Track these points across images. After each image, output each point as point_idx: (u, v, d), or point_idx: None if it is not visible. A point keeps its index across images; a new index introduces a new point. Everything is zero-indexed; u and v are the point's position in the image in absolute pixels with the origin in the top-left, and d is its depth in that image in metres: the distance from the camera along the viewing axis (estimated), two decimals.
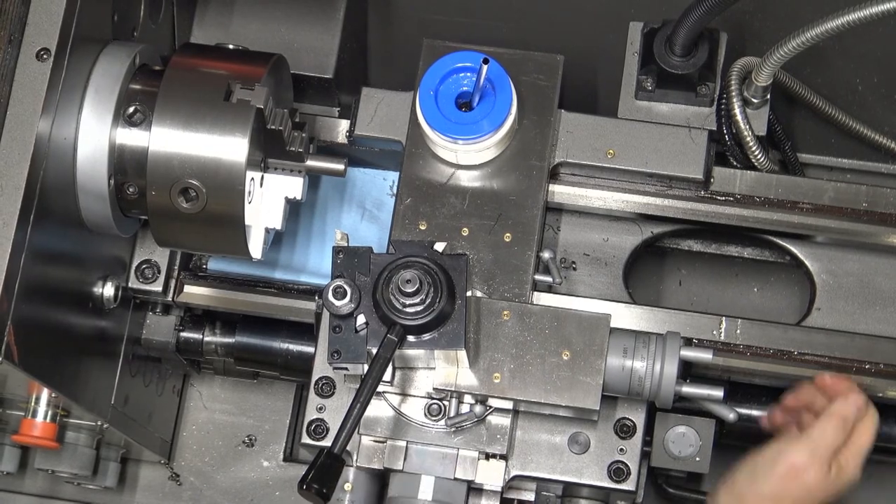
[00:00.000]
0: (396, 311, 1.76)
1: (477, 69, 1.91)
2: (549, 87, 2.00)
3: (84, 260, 1.96)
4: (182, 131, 1.85)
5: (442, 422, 1.90)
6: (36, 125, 1.74)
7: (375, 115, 2.04)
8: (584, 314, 1.88)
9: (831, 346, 2.02)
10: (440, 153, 1.98)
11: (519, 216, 1.96)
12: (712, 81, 2.03)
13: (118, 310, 2.05)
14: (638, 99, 2.05)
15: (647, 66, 2.04)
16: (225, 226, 1.89)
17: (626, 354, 1.88)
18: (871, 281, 2.10)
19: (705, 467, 2.05)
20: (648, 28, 2.05)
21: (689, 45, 2.00)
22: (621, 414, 1.96)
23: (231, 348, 2.19)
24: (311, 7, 2.14)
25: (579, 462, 1.93)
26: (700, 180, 2.01)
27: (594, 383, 1.85)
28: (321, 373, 1.96)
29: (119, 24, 1.94)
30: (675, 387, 1.87)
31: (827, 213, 2.05)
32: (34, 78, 1.76)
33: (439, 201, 1.97)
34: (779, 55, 1.95)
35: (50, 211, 1.80)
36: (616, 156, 2.01)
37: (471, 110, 1.95)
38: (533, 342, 1.86)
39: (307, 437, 1.94)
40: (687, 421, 2.05)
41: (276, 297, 2.13)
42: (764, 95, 2.04)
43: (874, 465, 2.32)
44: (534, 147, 1.99)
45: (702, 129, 2.02)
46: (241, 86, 1.85)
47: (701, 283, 2.38)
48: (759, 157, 2.06)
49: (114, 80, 1.88)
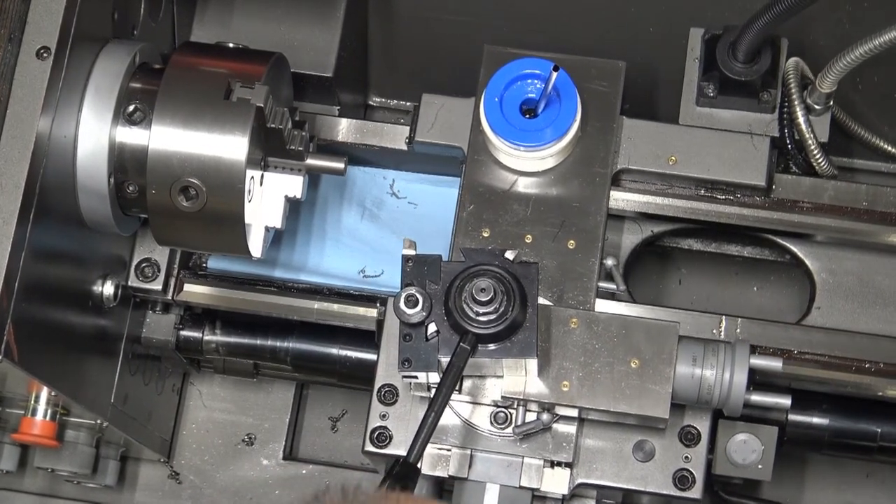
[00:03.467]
0: (469, 320, 1.75)
1: (541, 76, 1.92)
2: (612, 94, 2.00)
3: (84, 258, 1.96)
4: (182, 130, 1.85)
5: (508, 430, 1.89)
6: (36, 123, 1.75)
7: (436, 122, 2.03)
8: (652, 322, 1.88)
9: (831, 345, 2.02)
10: (503, 160, 1.98)
11: (582, 223, 1.96)
12: (774, 88, 2.03)
13: (118, 308, 2.05)
14: (699, 105, 2.05)
15: (708, 72, 2.03)
16: (225, 224, 1.89)
17: (695, 363, 1.88)
18: (871, 280, 2.10)
19: (768, 475, 2.03)
20: (710, 34, 2.04)
21: (753, 51, 1.99)
22: (686, 422, 1.96)
23: (286, 353, 2.19)
24: (312, 5, 2.14)
25: (644, 470, 1.93)
26: (762, 187, 2.01)
27: (663, 392, 1.85)
28: (384, 380, 1.95)
29: (119, 23, 1.94)
30: (744, 395, 1.88)
31: (827, 212, 2.05)
32: (34, 76, 1.76)
33: (502, 208, 1.97)
34: (845, 62, 1.95)
35: (50, 209, 1.80)
36: (678, 162, 2.01)
37: (535, 117, 1.95)
38: (601, 350, 1.86)
39: (370, 445, 1.93)
40: (749, 428, 2.04)
41: (276, 295, 2.13)
42: (827, 102, 2.04)
43: (876, 466, 2.37)
44: (596, 154, 1.99)
45: (764, 136, 2.02)
46: (242, 84, 1.85)
47: (701, 282, 2.39)
48: (822, 163, 2.06)
49: (114, 79, 1.88)
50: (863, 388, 2.03)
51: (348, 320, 2.11)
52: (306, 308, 2.11)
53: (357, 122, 2.14)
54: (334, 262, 2.18)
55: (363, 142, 2.13)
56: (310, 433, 2.48)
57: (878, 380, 2.02)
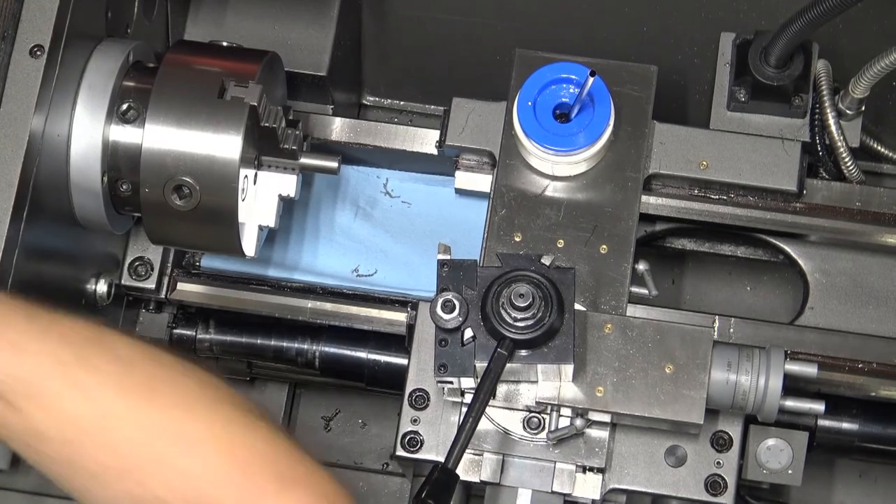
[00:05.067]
0: (507, 325, 1.75)
1: (576, 81, 1.91)
2: (644, 99, 2.00)
3: (77, 257, 1.96)
4: (176, 128, 1.85)
5: (541, 435, 1.89)
6: (29, 122, 1.74)
7: (466, 125, 2.02)
8: (686, 327, 1.87)
9: (824, 345, 2.02)
10: (535, 164, 1.98)
11: (615, 228, 1.95)
12: (805, 92, 2.03)
13: (111, 307, 2.05)
14: (730, 110, 2.04)
15: (740, 77, 2.03)
16: (218, 223, 1.88)
17: (729, 368, 1.88)
18: (864, 280, 2.10)
19: (798, 480, 2.02)
20: (741, 40, 2.04)
21: (786, 56, 1.99)
22: (719, 427, 1.95)
23: (313, 357, 2.17)
24: (306, 4, 2.14)
25: (676, 475, 1.92)
26: (794, 192, 2.01)
27: (698, 397, 1.84)
28: (415, 385, 1.94)
29: (113, 21, 1.93)
30: (779, 401, 1.88)
31: (820, 212, 2.05)
32: (27, 74, 1.75)
33: (534, 212, 1.96)
34: (879, 67, 1.95)
35: (43, 208, 1.79)
36: (709, 167, 2.00)
37: (568, 122, 1.95)
38: (636, 356, 1.85)
39: (401, 450, 1.92)
40: (779, 433, 2.03)
41: (269, 294, 2.13)
42: (859, 107, 2.04)
43: (868, 466, 2.36)
44: (629, 158, 1.98)
45: (795, 141, 2.01)
46: (235, 83, 1.85)
47: (694, 282, 2.38)
48: (852, 168, 2.06)
49: (107, 77, 1.87)
50: (855, 389, 2.03)
51: (340, 319, 2.11)
52: (300, 307, 2.11)
53: (351, 122, 2.14)
54: (328, 261, 2.18)
55: (357, 141, 2.13)
56: (303, 432, 2.47)
57: (870, 380, 2.02)
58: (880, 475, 2.38)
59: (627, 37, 2.23)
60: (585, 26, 2.24)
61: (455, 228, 2.15)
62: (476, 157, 2.04)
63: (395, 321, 2.09)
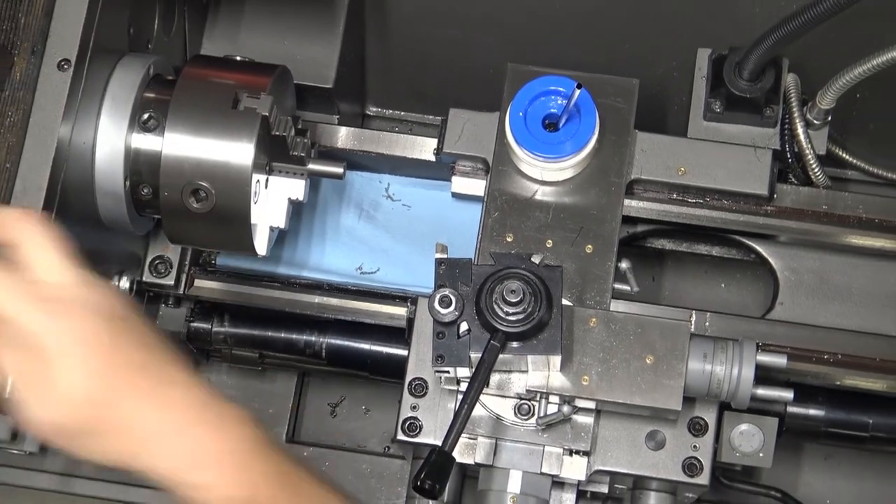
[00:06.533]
0: (499, 319, 1.75)
1: (563, 93, 1.92)
2: (626, 110, 1.99)
3: (101, 255, 1.96)
4: (193, 137, 1.85)
5: (531, 421, 1.89)
6: (57, 130, 1.75)
7: (462, 134, 2.01)
8: (665, 321, 1.88)
9: (793, 338, 2.02)
10: (526, 170, 1.97)
11: (599, 229, 1.95)
12: (776, 104, 2.03)
13: (133, 302, 2.02)
14: (706, 120, 2.04)
15: (715, 89, 2.03)
16: (232, 224, 1.89)
17: (705, 359, 1.88)
18: (830, 278, 2.10)
19: (768, 462, 2.03)
20: (716, 55, 2.04)
21: (758, 70, 1.99)
22: (695, 413, 1.96)
23: (320, 348, 2.18)
24: (313, 21, 2.15)
25: (655, 458, 1.92)
26: (765, 196, 2.01)
27: (676, 386, 1.84)
28: (414, 374, 1.93)
29: (135, 37, 1.94)
30: (751, 389, 1.88)
31: (789, 214, 2.05)
32: (55, 86, 1.76)
33: (525, 215, 1.95)
34: (844, 80, 1.96)
35: (70, 210, 1.80)
36: (687, 173, 2.00)
37: (556, 131, 1.94)
38: (618, 347, 1.85)
39: (402, 434, 1.92)
40: (751, 419, 2.04)
41: (280, 290, 2.13)
42: (825, 118, 2.04)
43: (834, 449, 2.36)
44: (612, 165, 1.98)
45: (766, 149, 2.01)
46: (248, 95, 1.85)
47: (672, 280, 2.39)
48: (819, 174, 2.06)
49: (129, 89, 1.88)
50: (821, 378, 2.03)
51: (345, 314, 2.12)
52: (308, 302, 2.12)
53: (355, 130, 2.14)
54: (334, 260, 2.18)
55: (361, 148, 2.13)
56: (310, 418, 2.48)
57: (835, 370, 2.02)
58: (844, 458, 2.39)
59: (611, 52, 2.24)
60: (572, 42, 2.25)
61: (451, 229, 2.14)
62: (471, 163, 2.04)
63: (396, 315, 2.09)
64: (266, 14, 2.15)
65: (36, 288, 1.43)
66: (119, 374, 1.40)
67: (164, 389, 1.44)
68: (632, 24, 2.21)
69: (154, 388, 1.43)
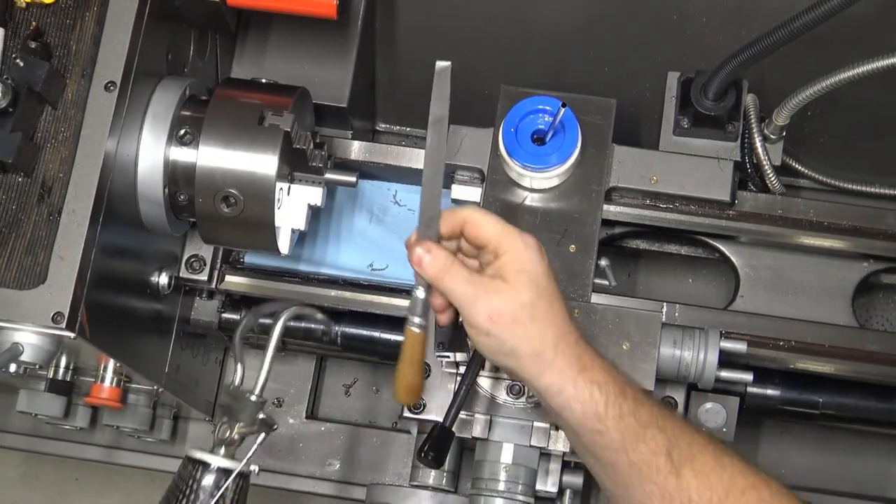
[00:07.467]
0: None
1: (549, 111, 1.93)
2: (605, 126, 2.00)
3: (143, 254, 1.97)
4: (224, 150, 1.86)
5: (521, 400, 1.89)
6: (104, 144, 1.75)
7: (460, 147, 2.02)
8: (640, 312, 1.90)
9: (753, 327, 2.03)
10: (517, 179, 1.99)
11: (581, 231, 1.96)
12: (737, 121, 2.04)
13: (171, 295, 2.07)
14: (675, 135, 2.05)
15: (684, 108, 2.04)
16: (259, 227, 1.90)
17: (675, 345, 1.91)
18: (785, 274, 2.11)
19: (731, 436, 2.05)
20: (684, 77, 2.06)
21: (721, 91, 2.00)
22: (666, 393, 1.99)
23: (336, 336, 2.18)
24: (330, 49, 2.15)
25: None
26: (727, 202, 2.03)
27: (650, 369, 1.86)
28: None
29: (172, 62, 1.95)
30: (715, 372, 1.90)
31: (749, 218, 2.07)
32: (102, 105, 1.76)
33: (516, 218, 1.97)
34: (798, 100, 1.97)
35: (116, 214, 1.80)
36: (658, 181, 2.01)
37: (543, 144, 1.96)
38: (599, 335, 1.87)
39: (408, 412, 1.93)
40: (715, 398, 2.06)
41: (300, 285, 2.13)
42: (780, 133, 2.05)
43: (788, 425, 2.37)
44: (593, 174, 1.99)
45: (728, 160, 2.03)
46: (272, 113, 1.86)
47: (646, 275, 2.39)
48: (775, 182, 2.08)
49: (168, 108, 1.88)
50: (777, 362, 2.05)
51: (358, 306, 2.12)
52: (325, 295, 2.12)
53: (366, 144, 2.14)
54: (348, 258, 2.18)
55: (371, 160, 2.14)
56: (327, 397, 2.49)
57: (789, 355, 2.04)
58: (797, 433, 2.39)
59: (592, 75, 2.24)
60: (558, 66, 2.24)
61: None
62: (468, 173, 2.05)
63: (403, 307, 2.01)
64: (288, 42, 2.15)
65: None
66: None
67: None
68: (610, 51, 2.21)
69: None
